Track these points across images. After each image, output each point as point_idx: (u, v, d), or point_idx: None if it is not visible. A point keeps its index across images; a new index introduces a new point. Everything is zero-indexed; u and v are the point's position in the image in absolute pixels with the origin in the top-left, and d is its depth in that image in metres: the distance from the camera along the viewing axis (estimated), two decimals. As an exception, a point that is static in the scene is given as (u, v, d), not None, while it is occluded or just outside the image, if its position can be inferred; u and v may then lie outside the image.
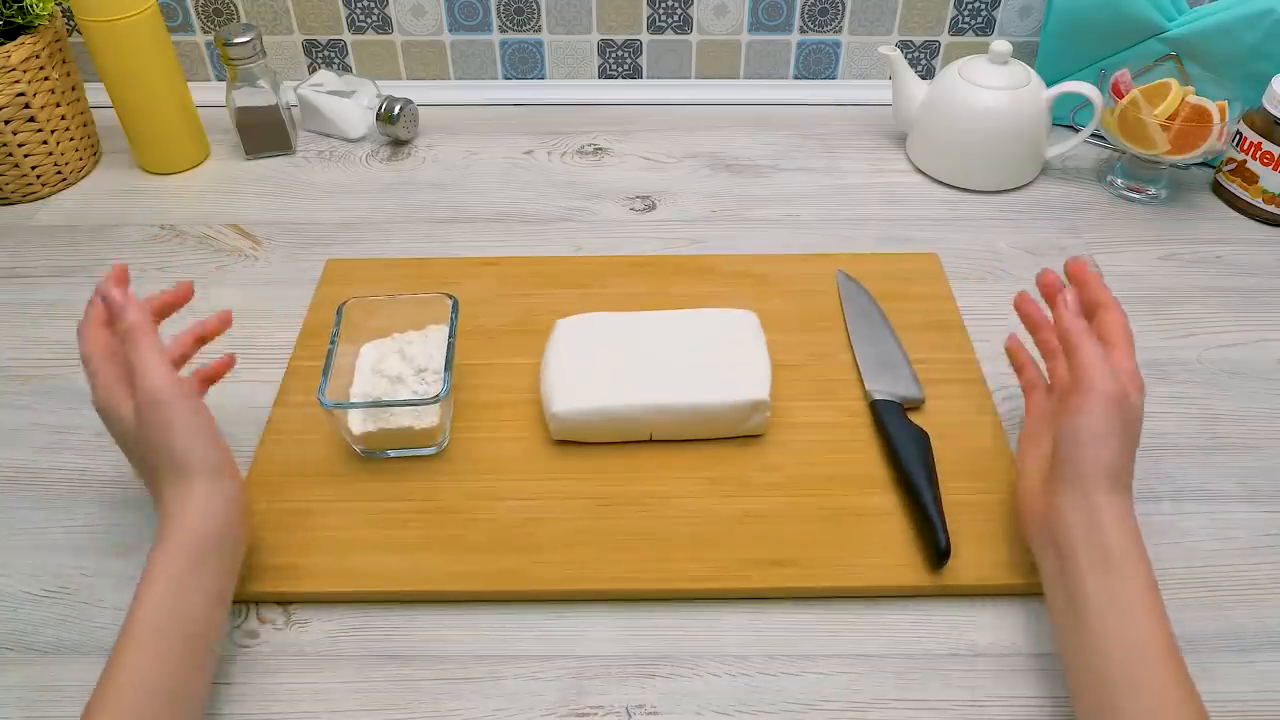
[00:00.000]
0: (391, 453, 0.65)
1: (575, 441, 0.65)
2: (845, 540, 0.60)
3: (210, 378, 0.63)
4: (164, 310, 0.60)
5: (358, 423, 0.63)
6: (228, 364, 0.64)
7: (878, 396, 0.67)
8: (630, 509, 0.62)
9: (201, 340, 0.62)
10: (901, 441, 0.63)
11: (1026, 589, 0.58)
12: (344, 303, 0.67)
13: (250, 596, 0.58)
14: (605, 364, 0.65)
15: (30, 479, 0.65)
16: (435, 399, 0.61)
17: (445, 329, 0.67)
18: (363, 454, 0.65)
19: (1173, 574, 0.59)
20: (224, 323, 0.63)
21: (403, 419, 0.63)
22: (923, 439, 0.63)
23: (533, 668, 0.55)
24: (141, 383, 0.53)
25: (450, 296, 0.67)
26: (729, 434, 0.65)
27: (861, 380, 0.69)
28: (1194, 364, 0.73)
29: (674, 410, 0.63)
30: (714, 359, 0.65)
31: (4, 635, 0.57)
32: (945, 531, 0.58)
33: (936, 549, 0.57)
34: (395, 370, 0.66)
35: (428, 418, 0.63)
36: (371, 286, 0.78)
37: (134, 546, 0.61)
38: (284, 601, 0.58)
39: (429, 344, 0.67)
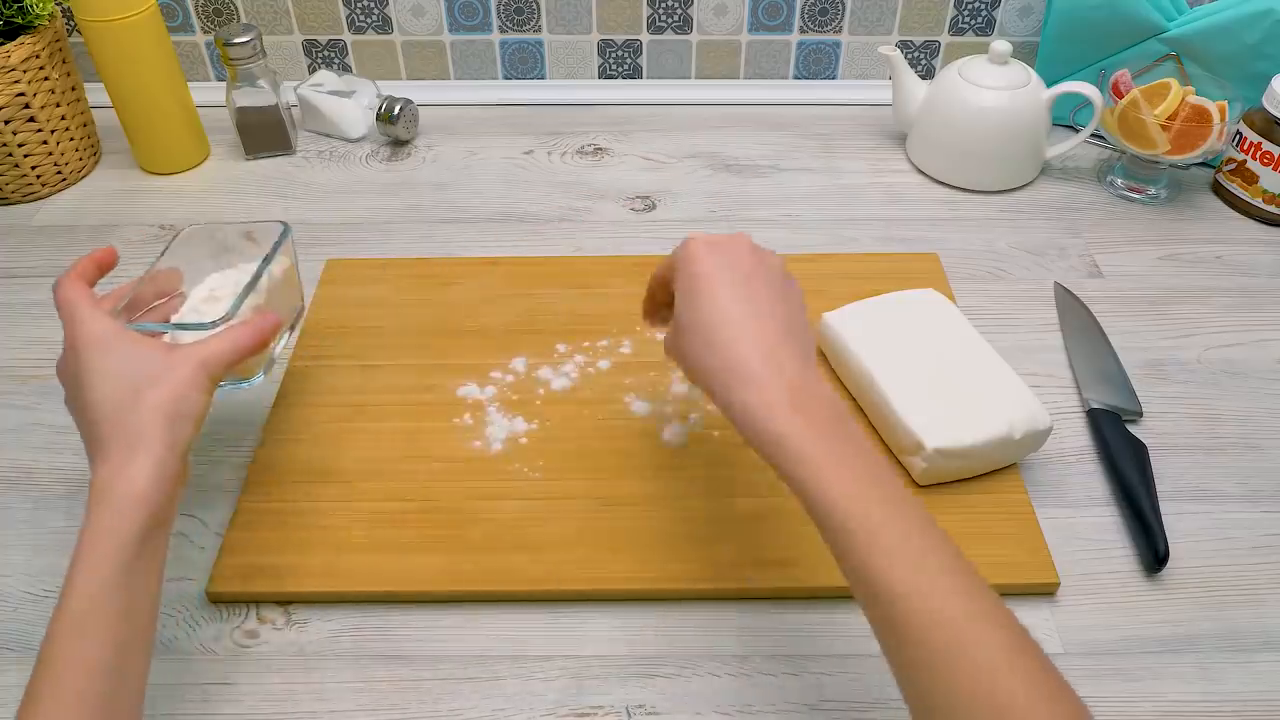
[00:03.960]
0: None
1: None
2: (845, 540, 0.60)
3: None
4: (91, 272, 0.56)
5: None
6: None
7: (1095, 406, 0.68)
8: (630, 509, 0.62)
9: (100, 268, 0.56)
10: (1120, 451, 0.64)
11: (1026, 589, 0.58)
12: (182, 229, 0.61)
13: (250, 596, 0.58)
14: None
15: (30, 479, 0.65)
16: (208, 324, 0.54)
17: (289, 260, 0.62)
18: None
19: (1173, 574, 0.59)
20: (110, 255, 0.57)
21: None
22: (1140, 449, 0.64)
23: (533, 668, 0.55)
24: (81, 327, 0.50)
25: (283, 224, 0.62)
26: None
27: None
28: (1194, 364, 0.73)
29: None
30: None
31: (4, 635, 0.57)
32: (1164, 537, 0.59)
33: (1155, 555, 0.58)
34: (224, 300, 0.59)
35: None
36: (372, 286, 0.78)
37: (134, 546, 0.61)
38: (284, 601, 0.58)
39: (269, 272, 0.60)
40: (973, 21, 0.99)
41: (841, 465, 0.44)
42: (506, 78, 1.04)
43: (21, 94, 0.84)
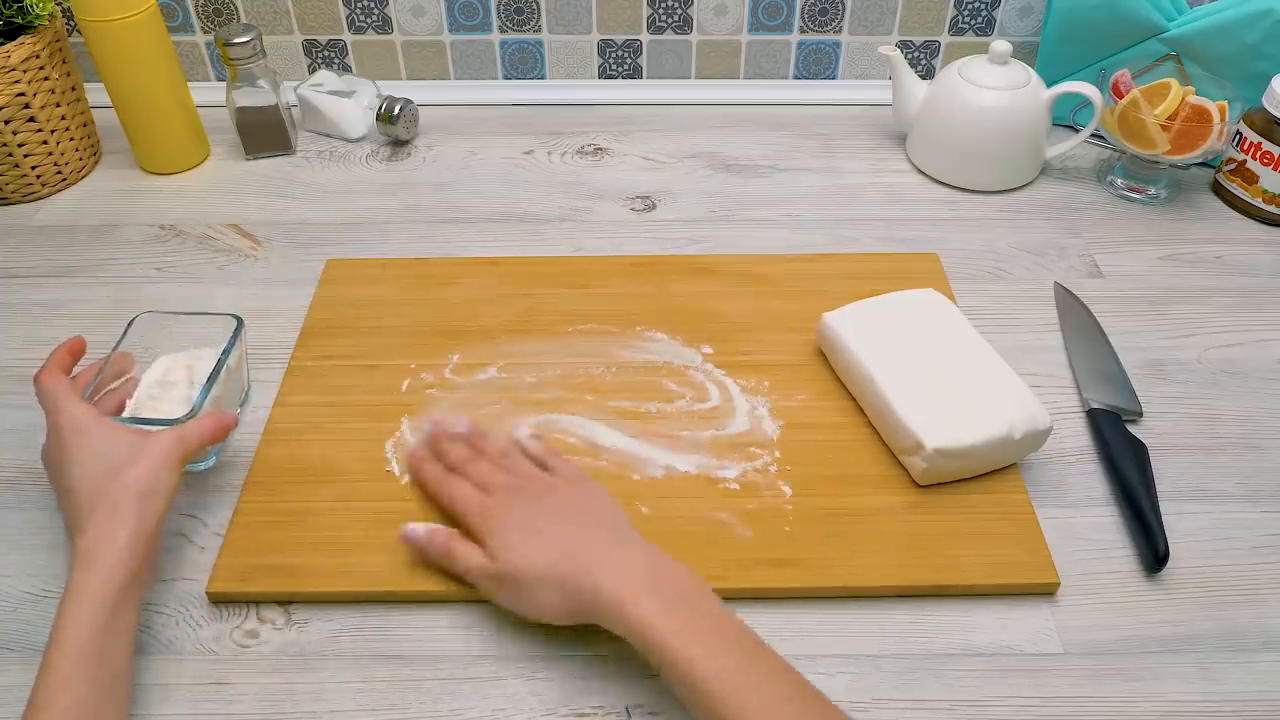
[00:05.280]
0: None
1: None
2: (845, 540, 0.60)
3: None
4: (67, 362, 0.61)
5: None
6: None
7: (1095, 406, 0.68)
8: (630, 509, 0.61)
9: (73, 355, 0.62)
10: (1120, 451, 0.64)
11: (1026, 589, 0.58)
12: (136, 316, 0.66)
13: (250, 596, 0.58)
14: None
15: (30, 479, 0.65)
16: (176, 420, 0.59)
17: (241, 351, 0.67)
18: None
19: (1173, 574, 0.59)
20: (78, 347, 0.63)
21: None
22: (1141, 449, 0.64)
23: (533, 668, 0.55)
24: (64, 414, 0.56)
25: (236, 318, 0.66)
26: None
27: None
28: (1194, 364, 0.73)
29: None
30: None
31: (5, 635, 0.57)
32: (1164, 537, 0.59)
33: (1155, 555, 0.58)
34: (177, 385, 0.64)
35: None
36: (371, 286, 0.78)
37: (134, 546, 0.61)
38: (284, 601, 0.58)
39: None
40: (973, 21, 0.99)
41: (695, 638, 0.48)
42: (506, 78, 1.04)
43: (21, 94, 0.84)
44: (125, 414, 0.63)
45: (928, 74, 1.02)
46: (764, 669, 0.48)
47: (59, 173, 0.90)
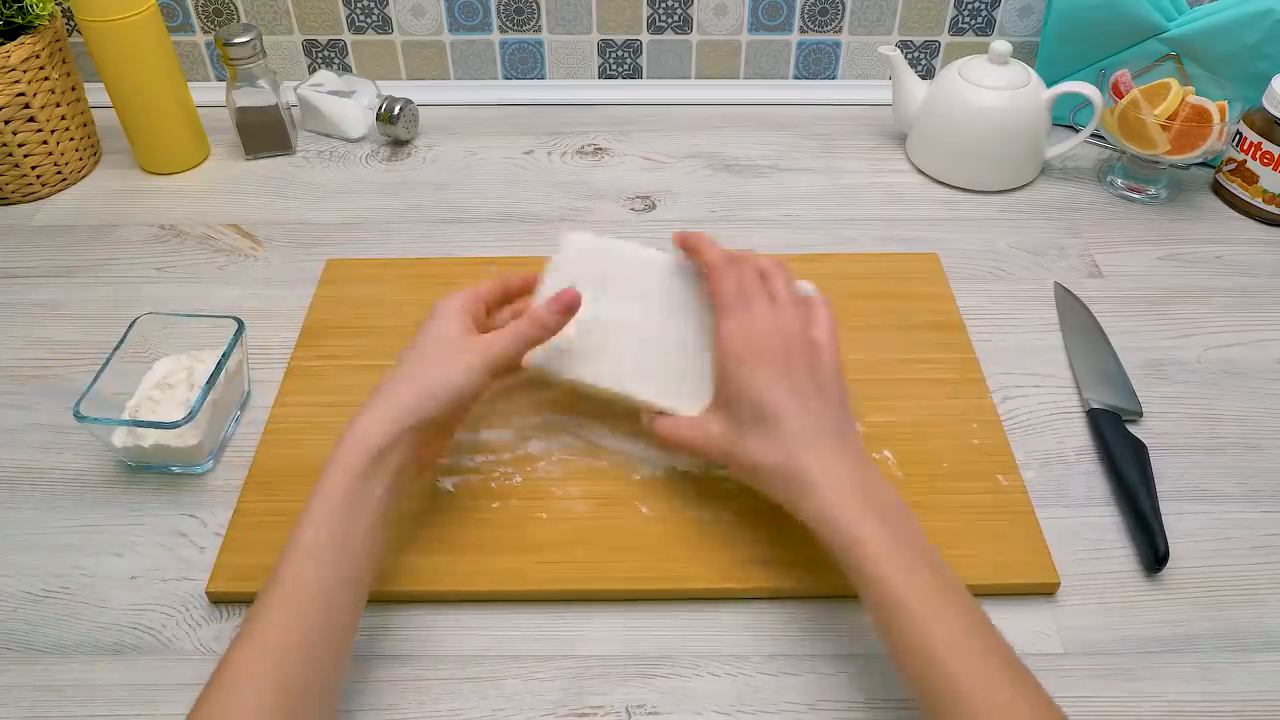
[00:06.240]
0: (157, 467, 0.65)
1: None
2: (845, 540, 0.60)
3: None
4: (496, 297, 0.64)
5: (119, 436, 0.63)
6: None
7: (1095, 406, 0.68)
8: (630, 509, 0.62)
9: (506, 294, 0.65)
10: (1120, 451, 0.64)
11: (1026, 589, 0.58)
12: (138, 317, 0.67)
13: (250, 596, 0.58)
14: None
15: (30, 479, 0.65)
16: (174, 424, 0.60)
17: (242, 354, 0.67)
18: (133, 466, 0.65)
19: (1173, 574, 0.59)
20: (526, 283, 0.65)
21: (159, 436, 0.62)
22: (1141, 449, 0.64)
23: (533, 668, 0.55)
24: (448, 300, 0.59)
25: (237, 321, 0.66)
26: None
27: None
28: (1194, 364, 0.73)
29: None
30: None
31: (4, 635, 0.57)
32: (1164, 537, 0.59)
33: (1155, 555, 0.58)
34: (177, 388, 0.65)
35: (186, 437, 0.62)
36: (371, 286, 0.78)
37: (133, 546, 0.61)
38: (284, 601, 0.58)
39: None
40: (973, 21, 0.99)
41: (912, 568, 0.48)
42: (506, 78, 1.04)
43: (21, 94, 0.84)
44: (125, 416, 0.63)
45: (928, 74, 1.02)
46: (959, 599, 0.48)
47: (59, 173, 0.90)
